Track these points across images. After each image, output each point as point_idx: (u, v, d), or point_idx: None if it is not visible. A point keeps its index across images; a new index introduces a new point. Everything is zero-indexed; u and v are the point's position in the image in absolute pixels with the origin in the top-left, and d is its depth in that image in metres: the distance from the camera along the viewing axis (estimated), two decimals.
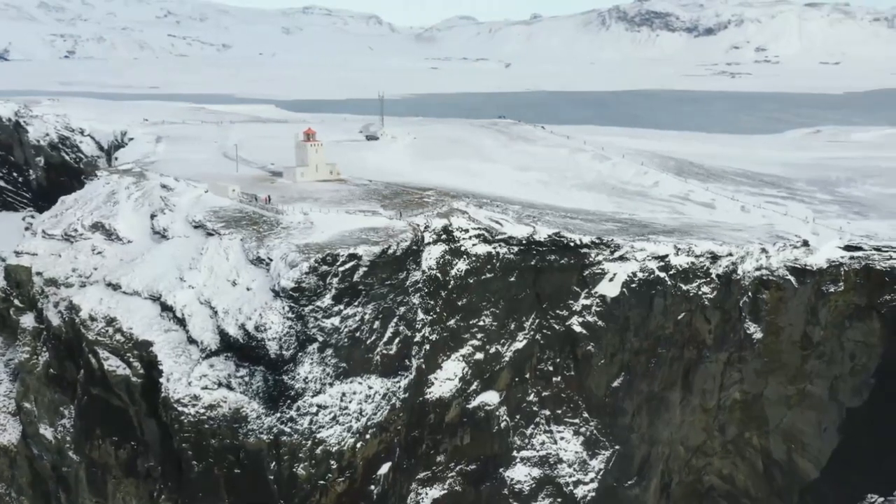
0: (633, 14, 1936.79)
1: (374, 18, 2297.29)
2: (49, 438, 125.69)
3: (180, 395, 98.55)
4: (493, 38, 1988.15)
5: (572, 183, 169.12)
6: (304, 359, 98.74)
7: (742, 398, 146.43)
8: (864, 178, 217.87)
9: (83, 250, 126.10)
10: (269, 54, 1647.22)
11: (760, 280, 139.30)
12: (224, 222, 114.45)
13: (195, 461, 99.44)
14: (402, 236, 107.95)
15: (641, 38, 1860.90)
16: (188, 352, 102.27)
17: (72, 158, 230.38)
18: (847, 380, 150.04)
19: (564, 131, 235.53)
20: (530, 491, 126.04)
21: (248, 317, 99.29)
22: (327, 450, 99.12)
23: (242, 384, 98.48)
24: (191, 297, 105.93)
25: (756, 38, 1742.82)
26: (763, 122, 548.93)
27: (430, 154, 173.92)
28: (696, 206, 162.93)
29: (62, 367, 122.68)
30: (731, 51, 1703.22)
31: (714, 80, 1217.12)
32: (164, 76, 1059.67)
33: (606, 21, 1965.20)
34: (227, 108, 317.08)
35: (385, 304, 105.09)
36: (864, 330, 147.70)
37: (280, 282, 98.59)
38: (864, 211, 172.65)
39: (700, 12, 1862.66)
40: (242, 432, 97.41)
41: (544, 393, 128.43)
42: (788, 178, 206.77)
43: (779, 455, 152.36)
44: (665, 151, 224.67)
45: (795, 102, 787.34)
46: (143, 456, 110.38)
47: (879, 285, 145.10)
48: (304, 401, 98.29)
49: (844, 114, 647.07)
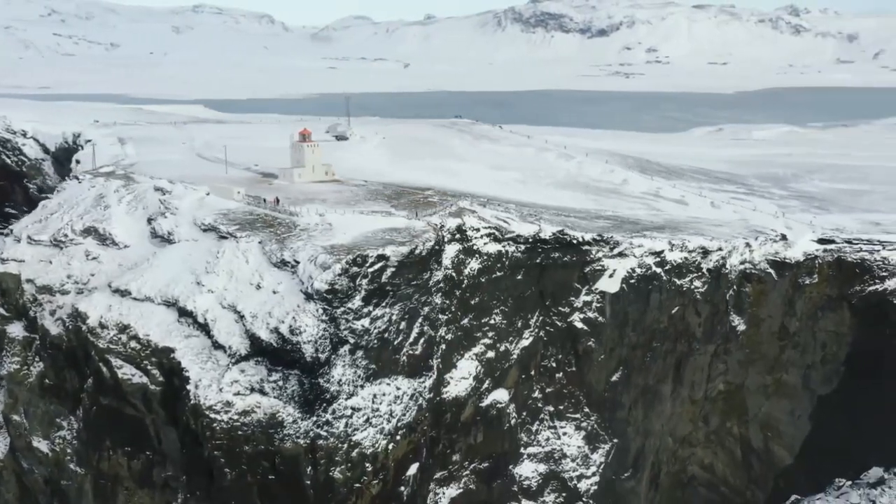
0: (528, 15, 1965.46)
1: (267, 17, 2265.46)
2: (44, 451, 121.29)
3: (212, 402, 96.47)
4: (390, 38, 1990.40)
5: (547, 182, 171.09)
6: (337, 361, 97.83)
7: (725, 389, 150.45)
8: (808, 173, 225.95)
9: (76, 256, 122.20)
10: (160, 53, 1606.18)
11: (744, 273, 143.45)
12: (237, 225, 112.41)
13: (227, 468, 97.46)
14: (425, 236, 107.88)
15: (537, 38, 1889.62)
16: (214, 357, 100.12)
17: (13, 162, 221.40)
18: (818, 368, 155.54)
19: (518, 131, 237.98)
20: (537, 487, 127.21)
21: (280, 320, 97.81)
22: (362, 452, 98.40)
23: (276, 388, 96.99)
24: (211, 302, 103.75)
25: (647, 40, 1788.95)
26: (665, 122, 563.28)
27: (404, 154, 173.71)
28: (670, 203, 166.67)
29: (60, 377, 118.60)
30: (624, 52, 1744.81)
31: (610, 80, 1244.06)
32: (54, 76, 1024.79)
33: (502, 22, 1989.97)
34: (159, 109, 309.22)
35: (411, 305, 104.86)
36: (836, 320, 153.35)
37: (314, 284, 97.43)
38: (823, 205, 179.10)
39: (593, 14, 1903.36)
40: (278, 437, 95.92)
41: (548, 389, 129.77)
42: (740, 175, 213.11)
43: (757, 443, 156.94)
44: (616, 150, 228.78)
45: (691, 102, 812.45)
46: (160, 466, 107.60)
47: (850, 276, 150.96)
48: (338, 403, 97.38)
49: (737, 112, 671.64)
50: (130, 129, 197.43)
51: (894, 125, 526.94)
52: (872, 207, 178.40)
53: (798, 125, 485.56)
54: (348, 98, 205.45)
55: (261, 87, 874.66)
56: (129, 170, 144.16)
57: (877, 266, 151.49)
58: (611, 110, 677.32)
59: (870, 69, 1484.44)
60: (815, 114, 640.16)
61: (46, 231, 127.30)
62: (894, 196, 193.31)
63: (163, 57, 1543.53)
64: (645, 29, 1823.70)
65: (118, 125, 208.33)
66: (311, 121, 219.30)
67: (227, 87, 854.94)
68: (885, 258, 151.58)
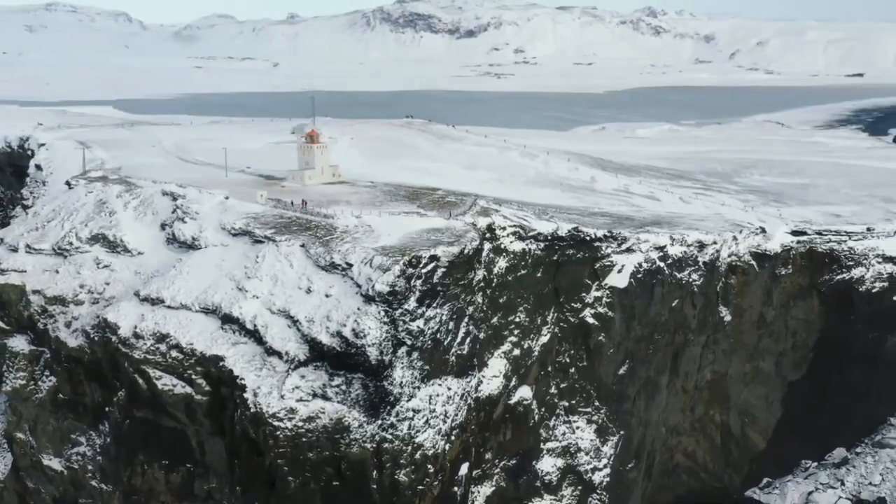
0: (396, 15, 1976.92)
1: (124, 15, 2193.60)
2: (57, 469, 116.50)
3: (275, 409, 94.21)
4: (257, 37, 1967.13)
5: (522, 180, 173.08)
6: (397, 363, 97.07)
7: (712, 378, 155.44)
8: (745, 169, 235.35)
9: (85, 264, 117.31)
10: (14, 53, 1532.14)
11: (730, 266, 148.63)
12: (273, 228, 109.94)
13: (291, 477, 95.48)
14: (468, 236, 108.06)
15: (406, 39, 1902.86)
16: (269, 364, 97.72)
17: None
18: (789, 355, 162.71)
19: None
20: (557, 481, 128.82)
21: (341, 324, 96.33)
22: (425, 454, 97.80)
23: (340, 393, 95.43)
24: (259, 308, 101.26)
25: (514, 40, 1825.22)
26: (549, 121, 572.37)
27: (377, 154, 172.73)
28: (644, 199, 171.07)
29: (77, 391, 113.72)
30: (492, 52, 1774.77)
31: (482, 80, 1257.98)
32: None
33: (371, 22, 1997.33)
34: (79, 111, 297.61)
35: (458, 305, 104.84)
36: (806, 308, 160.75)
37: (375, 286, 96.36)
38: (779, 199, 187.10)
39: (460, 15, 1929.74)
40: (344, 443, 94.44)
41: (562, 384, 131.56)
42: (687, 171, 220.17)
43: (735, 430, 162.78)
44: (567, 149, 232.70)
45: (566, 101, 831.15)
46: (202, 478, 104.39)
47: (820, 266, 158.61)
48: (401, 406, 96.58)
49: (612, 112, 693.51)
50: (85, 132, 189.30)
51: (762, 122, 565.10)
52: (824, 200, 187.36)
53: (673, 123, 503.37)
54: (313, 98, 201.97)
55: (128, 87, 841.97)
56: (116, 174, 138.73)
57: (844, 256, 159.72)
58: (494, 110, 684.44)
59: (727, 69, 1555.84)
60: (685, 112, 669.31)
61: (46, 239, 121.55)
62: (837, 188, 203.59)
63: (17, 57, 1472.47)
64: (512, 30, 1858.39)
65: (62, 128, 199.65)
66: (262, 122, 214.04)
67: (91, 88, 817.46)
68: (852, 248, 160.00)
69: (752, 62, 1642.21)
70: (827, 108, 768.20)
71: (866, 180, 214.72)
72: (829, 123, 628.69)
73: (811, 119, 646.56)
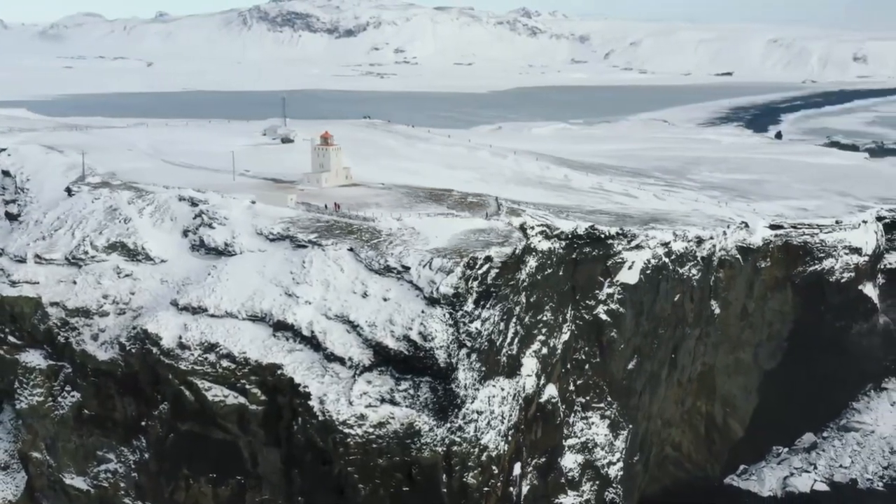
0: (274, 14, 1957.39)
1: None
2: (81, 488, 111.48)
3: (345, 416, 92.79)
4: (128, 36, 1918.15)
5: (503, 179, 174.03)
6: (460, 365, 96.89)
7: (701, 370, 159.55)
8: (692, 165, 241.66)
9: (105, 274, 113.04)
10: None
11: (720, 260, 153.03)
12: (315, 233, 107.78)
13: (361, 484, 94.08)
14: (514, 236, 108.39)
15: (284, 38, 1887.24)
16: (332, 370, 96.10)
17: None
18: (765, 345, 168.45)
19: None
20: (578, 477, 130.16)
21: (406, 327, 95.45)
22: (490, 455, 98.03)
23: (408, 397, 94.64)
24: (314, 314, 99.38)
25: (394, 40, 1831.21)
26: (444, 120, 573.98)
27: (357, 155, 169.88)
28: (622, 196, 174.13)
29: (106, 406, 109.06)
30: (372, 52, 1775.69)
31: (364, 80, 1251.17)
32: None
33: (248, 21, 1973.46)
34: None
35: (508, 305, 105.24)
36: (780, 299, 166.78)
37: (440, 288, 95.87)
38: (742, 194, 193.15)
39: (339, 14, 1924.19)
40: (415, 447, 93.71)
41: (578, 381, 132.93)
42: (643, 169, 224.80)
43: (718, 420, 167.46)
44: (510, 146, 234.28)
45: (452, 101, 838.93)
46: (255, 490, 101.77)
47: (794, 258, 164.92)
48: (466, 408, 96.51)
49: (500, 111, 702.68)
50: (40, 136, 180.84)
51: (648, 120, 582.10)
52: (784, 195, 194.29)
53: (562, 122, 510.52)
54: (284, 99, 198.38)
55: (4, 87, 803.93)
56: (117, 179, 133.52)
57: (816, 248, 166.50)
58: (389, 109, 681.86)
59: (602, 68, 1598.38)
60: (570, 111, 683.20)
61: (57, 248, 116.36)
62: (787, 184, 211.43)
63: None
64: (391, 30, 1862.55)
65: (22, 131, 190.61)
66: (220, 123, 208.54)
67: None
68: (823, 240, 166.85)
69: (627, 62, 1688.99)
70: (705, 107, 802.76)
71: (810, 175, 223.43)
72: (710, 121, 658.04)
73: (693, 117, 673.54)
